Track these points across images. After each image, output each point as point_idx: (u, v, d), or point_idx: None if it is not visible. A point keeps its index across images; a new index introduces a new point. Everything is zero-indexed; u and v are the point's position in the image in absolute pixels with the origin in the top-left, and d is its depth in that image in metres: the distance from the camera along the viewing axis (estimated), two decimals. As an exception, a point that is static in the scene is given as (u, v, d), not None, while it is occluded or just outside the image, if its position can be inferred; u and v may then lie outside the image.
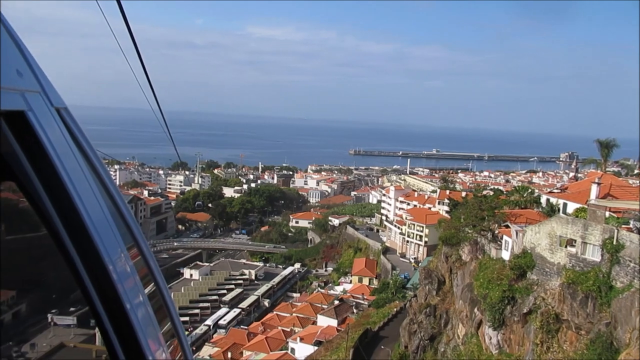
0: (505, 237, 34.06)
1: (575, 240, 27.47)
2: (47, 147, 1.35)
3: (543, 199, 42.17)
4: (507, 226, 34.56)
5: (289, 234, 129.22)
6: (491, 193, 59.00)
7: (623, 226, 25.91)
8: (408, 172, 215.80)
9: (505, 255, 33.86)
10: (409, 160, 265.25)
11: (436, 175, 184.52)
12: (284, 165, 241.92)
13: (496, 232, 36.57)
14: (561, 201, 36.82)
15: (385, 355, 44.93)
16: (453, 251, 39.93)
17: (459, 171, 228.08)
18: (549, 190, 50.19)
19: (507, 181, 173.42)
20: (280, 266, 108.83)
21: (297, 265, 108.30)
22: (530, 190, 44.64)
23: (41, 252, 1.52)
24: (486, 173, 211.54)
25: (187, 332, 67.34)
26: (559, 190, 44.07)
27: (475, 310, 33.10)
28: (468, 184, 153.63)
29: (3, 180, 1.36)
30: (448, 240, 41.16)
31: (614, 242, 24.55)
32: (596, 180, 32.97)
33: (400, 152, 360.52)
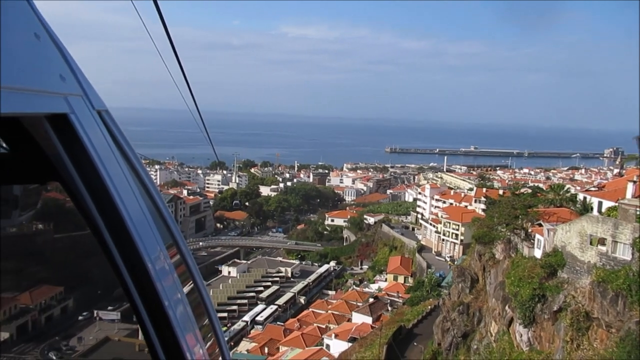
0: (537, 236, 34.03)
1: (606, 239, 27.30)
2: (89, 148, 1.40)
3: (580, 197, 41.66)
4: (540, 225, 34.45)
5: (325, 232, 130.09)
6: (529, 191, 58.41)
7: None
8: (445, 170, 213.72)
9: (538, 253, 33.81)
10: (445, 157, 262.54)
11: (474, 173, 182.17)
12: (320, 163, 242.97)
13: (529, 230, 36.46)
14: (596, 199, 36.39)
15: (418, 352, 45.33)
16: (486, 249, 40.00)
17: (498, 168, 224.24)
18: (585, 188, 49.39)
19: (548, 178, 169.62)
20: (316, 264, 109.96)
21: (333, 263, 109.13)
22: (566, 189, 44.14)
23: (86, 250, 1.58)
24: (526, 170, 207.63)
25: (225, 328, 69.39)
26: (596, 189, 43.37)
27: (507, 307, 33.27)
28: (507, 181, 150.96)
29: (48, 181, 1.45)
30: (481, 239, 41.24)
31: None
32: (634, 179, 32.47)
33: (437, 150, 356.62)
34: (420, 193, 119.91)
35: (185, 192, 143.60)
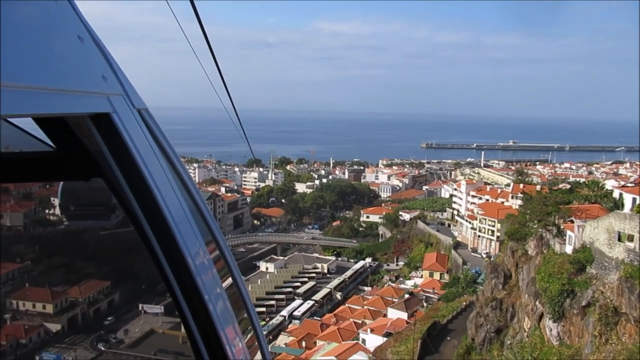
0: (569, 232, 34.31)
1: (634, 236, 27.52)
2: (131, 146, 1.43)
3: (616, 194, 41.41)
4: (572, 221, 34.68)
5: (360, 229, 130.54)
6: (567, 186, 57.86)
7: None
8: (482, 165, 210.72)
9: (569, 249, 34.15)
10: (483, 152, 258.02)
11: (512, 168, 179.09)
12: (355, 160, 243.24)
13: (561, 227, 36.65)
14: (630, 196, 36.25)
15: (452, 347, 45.94)
16: (519, 246, 40.35)
17: (537, 163, 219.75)
18: (622, 184, 48.78)
19: (590, 173, 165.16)
20: (352, 260, 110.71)
21: (369, 260, 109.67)
22: (601, 185, 43.87)
23: (130, 246, 1.65)
24: (567, 165, 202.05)
25: (263, 322, 71.16)
26: (633, 185, 42.94)
27: (537, 303, 33.72)
28: (546, 176, 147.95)
29: (91, 178, 1.50)
30: (513, 235, 41.59)
31: None
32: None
33: (475, 145, 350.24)
34: (456, 189, 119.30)
35: (223, 189, 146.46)
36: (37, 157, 1.55)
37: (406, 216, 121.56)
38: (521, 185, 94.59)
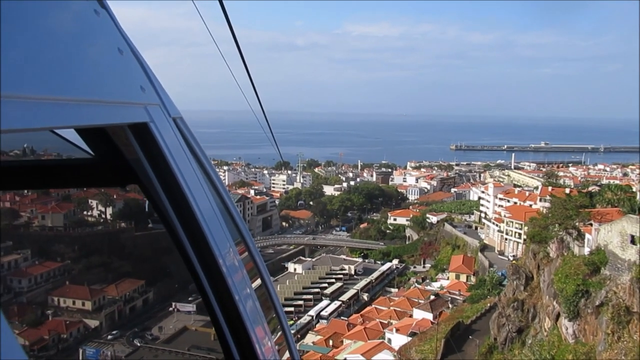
0: (587, 235, 35.18)
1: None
2: (167, 154, 1.49)
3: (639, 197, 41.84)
4: (591, 224, 35.51)
5: (387, 231, 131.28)
6: (597, 189, 57.89)
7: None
8: (512, 167, 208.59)
9: (586, 252, 35.05)
10: (513, 154, 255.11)
11: (543, 170, 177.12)
12: (383, 162, 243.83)
13: (581, 230, 37.46)
14: (650, 200, 36.94)
15: (474, 347, 46.98)
16: (540, 248, 41.25)
17: (570, 165, 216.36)
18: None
19: (625, 175, 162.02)
20: (379, 262, 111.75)
21: (395, 262, 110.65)
22: (623, 189, 44.30)
23: (164, 247, 1.74)
24: (601, 166, 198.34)
25: (291, 322, 73.02)
26: (657, 188, 43.27)
27: (555, 303, 34.71)
28: (579, 178, 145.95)
29: (128, 184, 1.60)
30: (535, 238, 42.46)
31: None
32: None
33: (505, 146, 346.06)
34: (483, 192, 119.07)
35: (252, 192, 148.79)
36: (76, 164, 1.64)
37: (433, 219, 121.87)
38: (549, 188, 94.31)
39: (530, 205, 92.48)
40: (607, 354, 28.32)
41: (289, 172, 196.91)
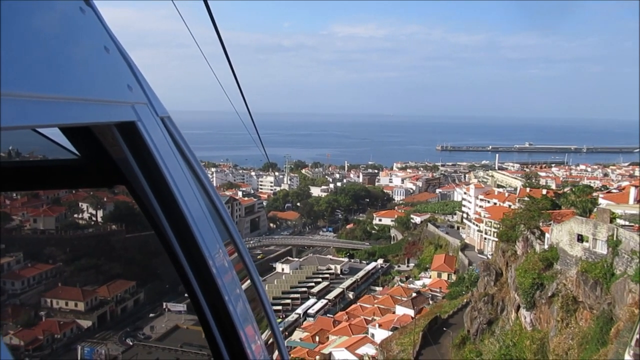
0: (546, 234, 38.60)
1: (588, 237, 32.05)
2: (154, 153, 1.46)
3: (602, 201, 45.30)
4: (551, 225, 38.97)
5: (373, 232, 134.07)
6: (569, 190, 61.13)
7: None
8: (496, 168, 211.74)
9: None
10: (497, 155, 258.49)
11: (527, 170, 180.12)
12: (370, 163, 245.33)
13: (542, 230, 40.93)
14: (604, 201, 40.38)
15: (449, 339, 50.35)
16: (509, 247, 44.64)
17: (553, 165, 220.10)
18: (607, 190, 52.45)
19: (606, 175, 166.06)
20: (364, 262, 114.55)
21: (380, 261, 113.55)
22: (585, 191, 47.87)
23: (154, 248, 1.65)
24: (583, 167, 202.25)
25: (279, 320, 75.40)
26: (617, 191, 46.76)
27: (515, 295, 38.16)
28: (561, 178, 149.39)
29: (115, 185, 1.59)
30: (503, 237, 45.82)
31: (615, 239, 29.19)
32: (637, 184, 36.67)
33: (490, 147, 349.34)
34: (465, 193, 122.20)
35: (240, 193, 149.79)
36: (62, 164, 1.62)
37: (417, 219, 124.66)
38: (527, 189, 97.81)
39: (509, 206, 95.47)
40: (557, 339, 31.86)
41: (277, 173, 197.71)
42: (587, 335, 29.45)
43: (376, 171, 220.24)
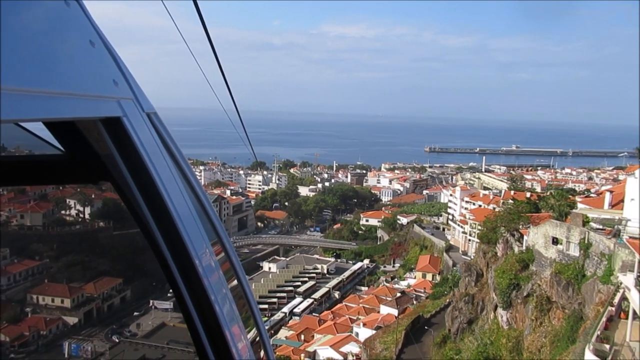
0: (525, 237, 39.92)
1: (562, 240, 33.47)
2: (140, 149, 1.44)
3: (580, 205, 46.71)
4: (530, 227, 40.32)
5: (360, 232, 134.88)
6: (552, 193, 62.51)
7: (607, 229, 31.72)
8: (483, 170, 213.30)
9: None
10: (484, 157, 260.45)
11: (513, 173, 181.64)
12: (358, 163, 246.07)
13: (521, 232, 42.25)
14: (581, 205, 41.77)
15: (430, 337, 51.53)
16: (490, 248, 45.95)
17: (539, 168, 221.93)
18: (585, 194, 53.98)
19: (590, 179, 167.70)
20: (351, 262, 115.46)
21: (367, 261, 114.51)
22: (564, 195, 49.20)
23: (142, 246, 1.63)
24: (568, 170, 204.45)
25: (265, 319, 75.81)
26: (595, 195, 48.21)
27: (493, 295, 39.48)
28: (546, 181, 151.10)
29: (100, 181, 1.56)
30: (483, 239, 47.11)
31: (586, 242, 30.55)
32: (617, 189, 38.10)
33: (478, 149, 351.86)
34: (451, 194, 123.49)
35: (228, 192, 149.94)
36: (46, 160, 1.62)
37: (404, 220, 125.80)
38: (512, 192, 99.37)
39: (494, 209, 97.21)
40: (531, 337, 33.30)
41: (265, 172, 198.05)
42: (559, 333, 30.93)
43: (364, 171, 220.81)
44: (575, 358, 25.06)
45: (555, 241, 34.32)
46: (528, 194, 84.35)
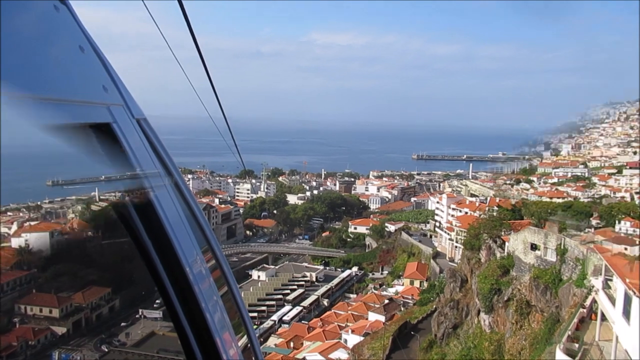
0: (506, 243, 41.29)
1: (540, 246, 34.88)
2: (130, 156, 1.44)
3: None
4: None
5: (348, 240, 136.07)
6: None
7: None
8: (470, 177, 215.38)
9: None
10: (471, 164, 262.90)
11: (499, 182, 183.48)
12: (346, 171, 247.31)
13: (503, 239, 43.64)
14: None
15: (417, 342, 52.55)
16: (474, 254, 47.23)
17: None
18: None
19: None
20: (339, 269, 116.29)
21: (355, 269, 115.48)
22: (545, 203, 50.91)
23: (131, 254, 1.62)
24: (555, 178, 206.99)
25: (255, 326, 76.18)
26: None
27: (476, 299, 40.72)
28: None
29: None
30: (467, 245, 48.39)
31: (562, 247, 31.95)
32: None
33: (465, 156, 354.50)
34: (438, 202, 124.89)
35: (217, 200, 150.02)
36: None
37: (392, 227, 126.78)
38: (497, 199, 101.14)
39: (480, 215, 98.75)
40: (512, 340, 34.63)
41: (254, 181, 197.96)
42: (538, 335, 32.27)
43: (353, 179, 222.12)
44: (549, 358, 26.27)
45: (534, 247, 35.79)
46: (513, 201, 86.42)
